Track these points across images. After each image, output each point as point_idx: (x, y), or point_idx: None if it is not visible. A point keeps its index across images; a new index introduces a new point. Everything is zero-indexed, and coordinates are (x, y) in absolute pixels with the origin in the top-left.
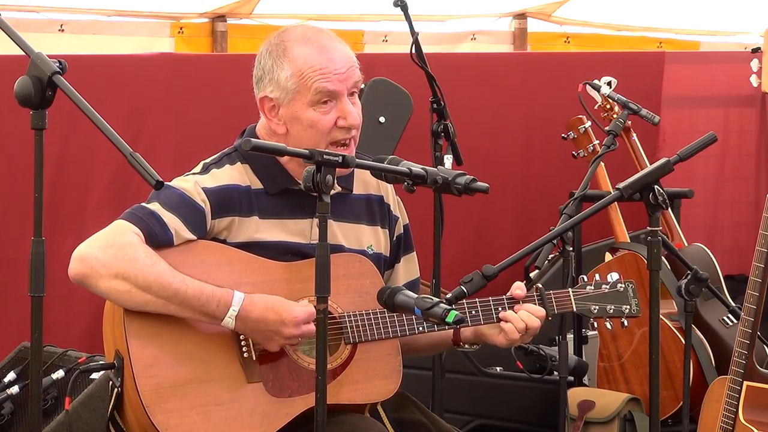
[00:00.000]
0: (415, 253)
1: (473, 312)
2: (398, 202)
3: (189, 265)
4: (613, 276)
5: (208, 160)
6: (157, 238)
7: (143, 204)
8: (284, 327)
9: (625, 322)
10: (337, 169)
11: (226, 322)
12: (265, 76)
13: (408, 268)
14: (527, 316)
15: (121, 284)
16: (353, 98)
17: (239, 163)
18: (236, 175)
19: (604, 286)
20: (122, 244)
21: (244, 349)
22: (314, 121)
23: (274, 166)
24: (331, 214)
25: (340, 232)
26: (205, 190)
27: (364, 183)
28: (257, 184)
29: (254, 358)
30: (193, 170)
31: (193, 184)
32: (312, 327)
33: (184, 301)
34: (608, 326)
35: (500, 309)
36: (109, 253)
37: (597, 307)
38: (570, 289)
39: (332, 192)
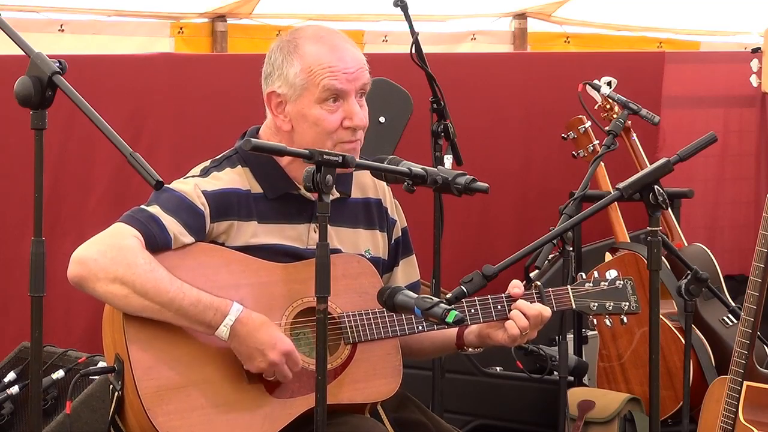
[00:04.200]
0: (414, 256)
1: (472, 311)
2: (396, 205)
3: (187, 267)
4: (612, 273)
5: (207, 163)
6: (156, 242)
7: (143, 206)
8: (272, 350)
9: (625, 319)
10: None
11: (220, 331)
12: (274, 72)
13: (407, 272)
14: (517, 315)
15: (118, 288)
16: (361, 100)
17: (240, 166)
18: (236, 178)
19: (603, 283)
20: (121, 247)
21: None
22: (319, 119)
23: (275, 170)
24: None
25: (337, 237)
26: (205, 194)
27: (362, 186)
28: (257, 189)
29: None
30: (193, 172)
31: (193, 186)
32: (288, 371)
33: (180, 309)
34: (608, 323)
35: (499, 307)
36: (108, 257)
37: (596, 305)
38: (569, 287)
39: (330, 198)
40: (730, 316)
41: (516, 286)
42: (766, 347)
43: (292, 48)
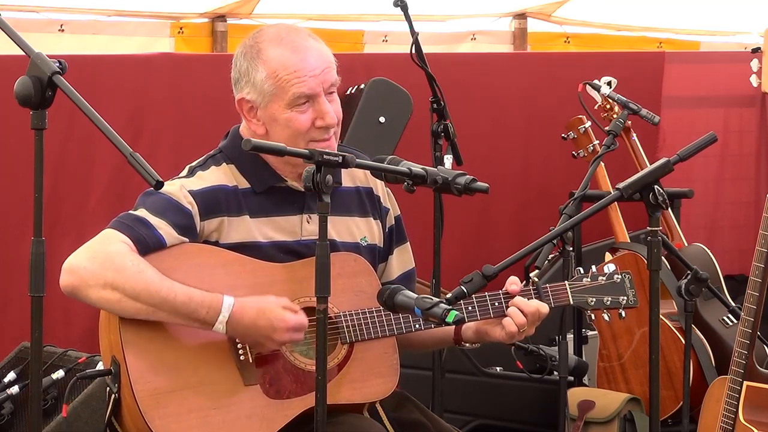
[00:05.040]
0: (408, 243)
1: (470, 308)
2: (388, 193)
3: (183, 269)
4: (610, 267)
5: (193, 164)
6: (147, 243)
7: (130, 211)
8: (275, 333)
9: (623, 314)
10: None
11: (216, 327)
12: (241, 78)
13: (402, 259)
14: (515, 311)
15: (110, 294)
16: (331, 96)
17: (224, 163)
18: (222, 175)
19: (600, 277)
20: (109, 253)
21: (240, 352)
22: (291, 121)
23: (260, 164)
24: None
25: (332, 226)
26: (192, 193)
27: (352, 176)
28: (244, 184)
29: (251, 361)
30: (180, 174)
31: (179, 187)
32: (300, 335)
33: (173, 309)
34: (606, 318)
35: (497, 304)
36: (97, 263)
37: (594, 300)
38: (566, 282)
39: None
40: (730, 316)
41: (513, 283)
42: (766, 347)
43: (255, 53)
